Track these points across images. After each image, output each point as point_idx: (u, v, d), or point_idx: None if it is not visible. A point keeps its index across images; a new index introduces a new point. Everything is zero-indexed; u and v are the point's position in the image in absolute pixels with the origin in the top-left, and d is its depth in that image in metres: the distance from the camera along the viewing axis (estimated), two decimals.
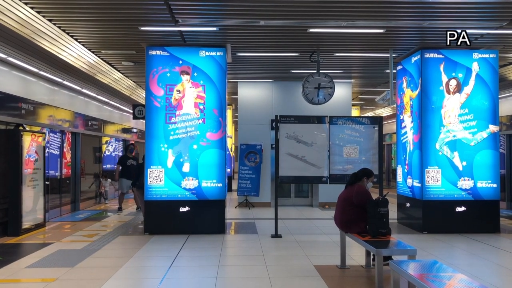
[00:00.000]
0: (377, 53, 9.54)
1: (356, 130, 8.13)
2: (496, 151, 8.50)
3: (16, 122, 8.66)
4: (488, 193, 8.44)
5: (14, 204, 8.17)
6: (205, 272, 5.75)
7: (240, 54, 9.56)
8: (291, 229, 8.95)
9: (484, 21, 7.31)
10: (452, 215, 8.38)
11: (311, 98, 9.68)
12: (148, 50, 8.35)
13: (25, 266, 6.01)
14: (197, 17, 7.21)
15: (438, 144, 8.46)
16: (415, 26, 7.64)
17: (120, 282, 5.34)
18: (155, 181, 8.23)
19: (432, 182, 8.40)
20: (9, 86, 8.48)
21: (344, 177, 7.93)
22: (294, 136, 8.14)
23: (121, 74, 11.54)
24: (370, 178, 5.95)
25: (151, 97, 8.32)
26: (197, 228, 8.26)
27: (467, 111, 8.48)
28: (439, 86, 8.52)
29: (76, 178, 11.85)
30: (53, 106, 10.32)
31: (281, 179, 8.18)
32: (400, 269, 4.09)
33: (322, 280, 5.37)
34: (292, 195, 13.33)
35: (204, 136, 8.33)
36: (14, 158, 8.21)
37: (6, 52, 7.82)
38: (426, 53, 8.51)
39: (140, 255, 6.69)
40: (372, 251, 5.00)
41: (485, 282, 5.19)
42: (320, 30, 7.83)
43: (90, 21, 7.39)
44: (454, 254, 6.85)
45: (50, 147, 10.33)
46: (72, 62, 9.02)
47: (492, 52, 8.53)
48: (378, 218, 5.44)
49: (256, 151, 12.53)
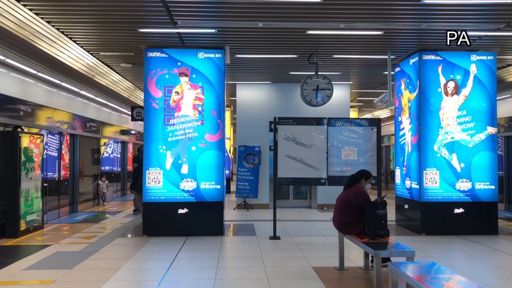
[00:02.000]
0: (376, 55, 9.56)
1: (355, 131, 8.14)
2: (494, 153, 8.51)
3: (14, 124, 8.65)
4: (486, 194, 8.46)
5: (12, 206, 8.16)
6: (204, 274, 5.75)
7: (239, 55, 9.56)
8: (289, 230, 8.95)
9: (482, 23, 7.33)
10: (450, 216, 8.39)
11: (309, 100, 9.69)
12: (146, 52, 8.36)
13: (23, 268, 6.00)
14: (196, 19, 7.22)
15: (436, 146, 8.47)
16: (413, 28, 7.65)
17: (118, 284, 5.33)
18: (154, 183, 8.22)
19: (430, 183, 8.41)
20: (7, 87, 8.48)
21: (342, 178, 7.95)
22: (293, 137, 8.14)
23: (119, 76, 11.53)
24: (368, 180, 5.95)
25: (149, 99, 8.32)
26: (195, 230, 8.25)
27: (465, 113, 8.50)
28: (437, 88, 8.54)
29: (75, 180, 11.84)
30: (52, 108, 10.31)
31: (280, 180, 8.18)
32: (399, 271, 4.09)
33: (320, 281, 5.36)
34: (291, 197, 13.33)
35: (203, 137, 8.33)
36: (12, 159, 8.20)
37: (4, 54, 7.82)
38: (424, 55, 8.53)
39: (139, 257, 6.68)
40: (371, 253, 5.00)
41: (483, 283, 5.20)
42: (318, 32, 7.84)
43: (88, 23, 7.39)
44: (452, 256, 6.86)
45: (49, 149, 10.32)
46: (71, 63, 9.01)
47: (490, 54, 8.56)
48: (377, 219, 5.44)
49: (255, 153, 12.53)
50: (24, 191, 8.41)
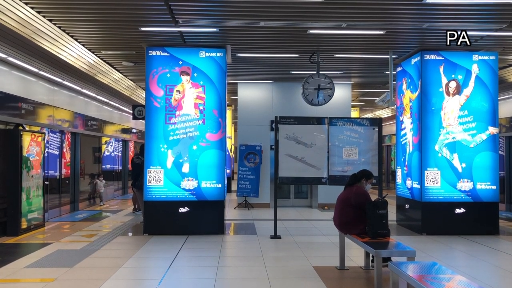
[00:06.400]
0: (377, 55, 9.55)
1: (356, 131, 8.14)
2: (495, 153, 8.50)
3: (16, 122, 8.66)
4: (488, 195, 8.45)
5: (13, 204, 8.17)
6: (204, 272, 5.75)
7: (240, 55, 9.56)
8: (290, 230, 8.95)
9: (484, 23, 7.32)
10: (452, 217, 8.38)
11: (310, 99, 9.69)
12: (148, 50, 8.36)
13: (24, 266, 6.01)
14: (197, 18, 7.22)
15: (438, 145, 8.46)
16: (415, 28, 7.65)
17: (119, 282, 5.33)
18: (155, 182, 8.23)
19: (432, 183, 8.40)
20: (9, 85, 8.48)
21: (343, 178, 7.94)
22: (294, 137, 8.14)
23: (121, 75, 11.54)
24: (369, 179, 5.94)
25: (151, 98, 8.33)
26: (196, 229, 8.26)
27: (467, 113, 8.49)
28: (439, 88, 8.53)
29: (76, 178, 11.85)
30: (53, 106, 10.32)
31: (281, 180, 8.18)
32: (399, 271, 4.09)
33: (321, 281, 5.36)
34: (292, 196, 13.33)
35: (204, 136, 8.33)
36: (14, 158, 8.21)
37: (6, 52, 7.83)
38: (426, 55, 8.52)
39: (139, 256, 6.69)
40: (371, 253, 5.00)
41: (484, 284, 5.20)
42: (320, 32, 7.84)
43: (90, 21, 7.40)
44: (453, 256, 6.85)
45: (50, 147, 10.33)
46: (72, 62, 9.02)
47: (492, 54, 8.55)
48: (377, 219, 5.44)
49: (256, 152, 12.53)
50: (25, 189, 8.42)
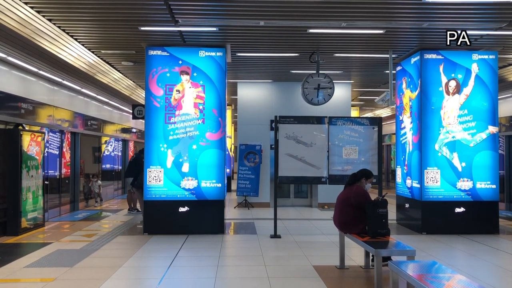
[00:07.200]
0: (377, 54, 9.55)
1: (356, 130, 8.14)
2: (495, 152, 8.50)
3: (16, 122, 8.65)
4: (487, 194, 8.45)
5: (13, 204, 8.17)
6: (204, 272, 5.75)
7: (240, 54, 9.56)
8: (290, 229, 8.95)
9: (483, 22, 7.32)
10: (451, 216, 8.38)
11: (310, 99, 9.69)
12: (147, 50, 8.35)
13: (24, 265, 6.01)
14: (197, 17, 7.21)
15: (438, 145, 8.46)
16: (415, 27, 7.64)
17: (119, 282, 5.34)
18: (155, 181, 8.23)
19: (431, 183, 8.40)
20: (8, 85, 8.48)
21: (343, 177, 7.94)
22: (294, 136, 8.14)
23: (120, 74, 11.53)
24: (369, 179, 5.94)
25: (150, 97, 8.32)
26: (196, 228, 8.26)
27: (467, 112, 8.49)
28: (439, 87, 8.53)
29: (76, 178, 11.84)
30: (53, 106, 10.32)
31: (281, 179, 8.18)
32: (399, 270, 4.09)
33: (321, 280, 5.37)
34: (292, 196, 13.33)
35: (204, 136, 8.33)
36: (13, 157, 8.20)
37: (6, 52, 7.82)
38: (426, 54, 8.52)
39: (139, 255, 6.69)
40: (371, 252, 5.00)
41: (484, 283, 5.19)
42: (320, 31, 7.83)
43: (90, 21, 7.39)
44: (453, 255, 6.86)
45: (50, 147, 10.33)
46: (72, 62, 9.01)
47: (492, 53, 8.54)
48: (377, 218, 5.44)
49: (256, 152, 12.53)
50: (25, 189, 8.42)
